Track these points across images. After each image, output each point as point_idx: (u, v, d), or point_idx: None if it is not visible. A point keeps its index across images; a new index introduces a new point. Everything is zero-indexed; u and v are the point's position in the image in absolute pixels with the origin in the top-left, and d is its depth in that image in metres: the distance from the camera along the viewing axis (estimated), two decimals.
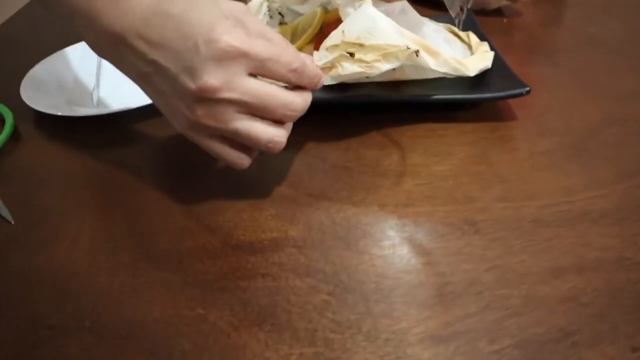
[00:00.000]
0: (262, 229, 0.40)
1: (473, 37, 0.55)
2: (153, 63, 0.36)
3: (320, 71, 0.39)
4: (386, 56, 0.44)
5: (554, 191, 0.42)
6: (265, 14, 0.56)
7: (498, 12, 0.74)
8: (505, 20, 0.71)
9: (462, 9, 0.51)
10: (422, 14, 0.65)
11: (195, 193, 0.43)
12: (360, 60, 0.44)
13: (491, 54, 0.51)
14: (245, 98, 0.35)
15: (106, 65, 0.58)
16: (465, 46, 0.54)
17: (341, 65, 0.44)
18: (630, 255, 0.37)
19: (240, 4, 0.38)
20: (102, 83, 0.56)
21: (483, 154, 0.46)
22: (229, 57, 0.34)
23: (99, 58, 0.58)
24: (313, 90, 0.39)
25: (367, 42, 0.44)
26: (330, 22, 0.54)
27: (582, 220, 0.40)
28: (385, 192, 0.42)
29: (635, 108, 0.53)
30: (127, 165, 0.47)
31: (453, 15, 0.51)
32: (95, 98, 0.53)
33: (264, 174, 0.45)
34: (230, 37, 0.34)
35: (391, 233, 0.39)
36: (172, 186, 0.44)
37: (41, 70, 0.57)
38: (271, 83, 0.37)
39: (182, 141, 0.49)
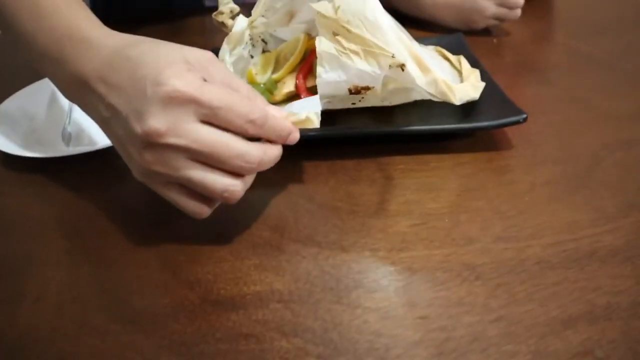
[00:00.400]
0: (245, 281, 0.36)
1: (465, 63, 0.52)
2: (109, 106, 0.35)
3: (291, 126, 0.37)
4: (367, 54, 0.41)
5: (558, 227, 0.39)
6: (247, 42, 0.53)
7: (487, 31, 0.71)
8: (495, 41, 0.69)
9: None
10: (413, 36, 0.63)
11: (172, 242, 0.40)
12: (338, 42, 0.42)
13: (481, 85, 0.48)
14: (194, 146, 0.33)
15: None
16: (455, 72, 0.52)
17: (319, 39, 0.42)
18: None
19: (207, 52, 0.36)
20: (73, 119, 0.53)
21: (481, 187, 0.43)
22: (175, 101, 0.32)
23: None
24: (284, 145, 0.37)
25: (354, 30, 0.41)
26: (313, 48, 0.51)
27: (590, 259, 0.37)
28: (378, 234, 0.39)
29: (636, 130, 0.50)
30: (98, 210, 0.43)
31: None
32: (66, 135, 0.50)
33: (245, 217, 0.42)
34: (179, 82, 0.32)
35: (385, 282, 0.35)
36: (146, 234, 0.40)
37: (11, 105, 0.55)
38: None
39: None
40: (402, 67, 0.41)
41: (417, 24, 0.73)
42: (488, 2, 0.68)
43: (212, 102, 0.33)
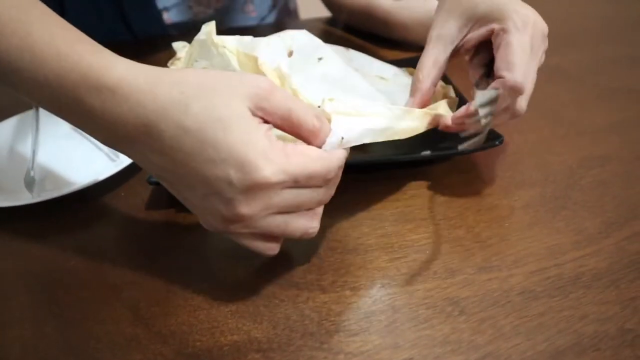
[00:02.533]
0: (222, 330, 0.35)
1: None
2: (171, 174, 0.33)
3: (345, 153, 0.36)
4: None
5: (540, 253, 0.38)
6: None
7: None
8: (467, 58, 0.69)
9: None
10: (384, 56, 0.63)
11: (144, 293, 0.38)
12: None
13: (448, 115, 0.46)
14: (277, 209, 0.33)
15: (43, 142, 0.53)
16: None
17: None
18: (632, 326, 0.33)
19: (265, 79, 0.33)
20: (37, 164, 0.51)
21: (460, 214, 0.42)
22: (264, 188, 0.31)
23: (36, 135, 0.54)
24: None
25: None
26: None
27: (574, 286, 0.36)
28: (357, 271, 0.38)
29: (611, 144, 0.50)
30: (64, 262, 0.41)
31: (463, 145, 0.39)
32: (30, 182, 0.48)
33: (219, 261, 0.40)
34: (268, 169, 0.30)
35: (366, 324, 0.34)
36: (116, 286, 0.38)
37: None
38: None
39: (124, 231, 0.44)
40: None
41: (389, 44, 0.73)
42: None
43: (296, 177, 0.32)
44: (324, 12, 0.85)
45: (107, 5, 0.76)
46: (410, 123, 0.40)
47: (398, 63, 0.59)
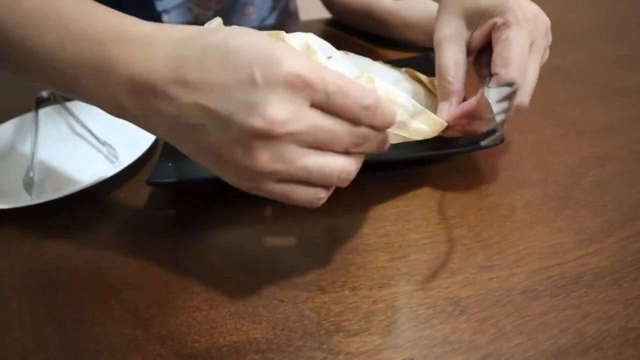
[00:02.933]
0: (220, 331, 0.34)
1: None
2: (194, 108, 0.29)
3: (395, 109, 0.33)
4: None
5: (542, 252, 0.38)
6: None
7: None
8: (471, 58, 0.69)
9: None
10: (384, 56, 0.63)
11: (143, 293, 0.38)
12: None
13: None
14: (312, 131, 0.29)
15: (42, 144, 0.53)
16: (430, 95, 0.51)
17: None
18: (635, 325, 0.33)
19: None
20: (37, 165, 0.51)
21: (461, 214, 0.42)
22: (294, 87, 0.28)
23: (35, 137, 0.54)
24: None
25: None
26: None
27: (577, 285, 0.36)
28: (357, 271, 0.38)
29: (612, 144, 0.50)
30: (64, 263, 0.41)
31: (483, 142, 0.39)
32: (29, 183, 0.48)
33: (219, 261, 0.40)
34: (297, 64, 0.28)
35: (366, 324, 0.34)
36: (114, 286, 0.38)
37: None
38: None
39: (123, 232, 0.44)
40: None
41: (389, 44, 0.72)
42: None
43: (329, 86, 0.29)
44: (324, 14, 0.85)
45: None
46: (422, 125, 0.40)
47: (398, 63, 0.59)
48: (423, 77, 0.54)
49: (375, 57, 0.57)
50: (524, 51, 0.41)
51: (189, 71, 0.29)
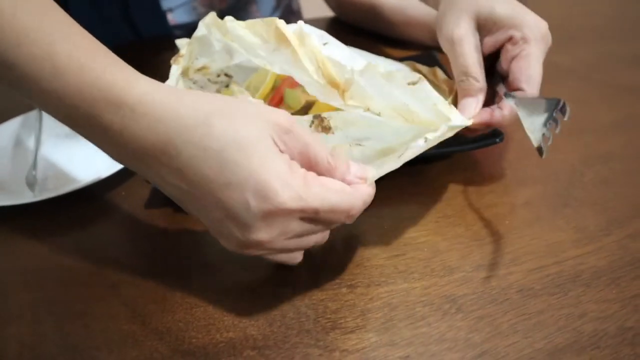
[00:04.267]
0: (218, 328, 0.35)
1: (440, 74, 0.51)
2: (189, 195, 0.32)
3: (371, 189, 0.35)
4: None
5: (540, 251, 0.38)
6: (195, 82, 0.50)
7: None
8: None
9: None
10: (387, 54, 0.62)
11: (141, 290, 0.38)
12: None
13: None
14: (295, 235, 0.32)
15: (45, 142, 0.54)
16: (432, 85, 0.50)
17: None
18: (632, 324, 0.33)
19: (284, 112, 0.33)
20: (39, 162, 0.51)
21: (459, 212, 0.42)
22: (282, 214, 0.30)
23: (38, 134, 0.54)
24: None
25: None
26: (283, 78, 0.50)
27: (574, 284, 0.36)
28: (354, 269, 0.38)
29: (614, 143, 0.49)
30: (63, 260, 0.41)
31: (535, 143, 0.39)
32: (31, 180, 0.48)
33: (217, 258, 0.40)
34: (286, 195, 0.30)
35: (362, 322, 0.34)
36: (114, 284, 0.39)
37: None
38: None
39: (123, 230, 0.45)
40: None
41: (392, 42, 0.72)
42: None
43: (316, 208, 0.31)
44: (328, 12, 0.85)
45: (112, 6, 0.77)
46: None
47: (401, 60, 0.58)
48: (423, 68, 0.54)
49: (378, 55, 0.57)
50: (541, 67, 0.43)
51: (180, 164, 0.31)
